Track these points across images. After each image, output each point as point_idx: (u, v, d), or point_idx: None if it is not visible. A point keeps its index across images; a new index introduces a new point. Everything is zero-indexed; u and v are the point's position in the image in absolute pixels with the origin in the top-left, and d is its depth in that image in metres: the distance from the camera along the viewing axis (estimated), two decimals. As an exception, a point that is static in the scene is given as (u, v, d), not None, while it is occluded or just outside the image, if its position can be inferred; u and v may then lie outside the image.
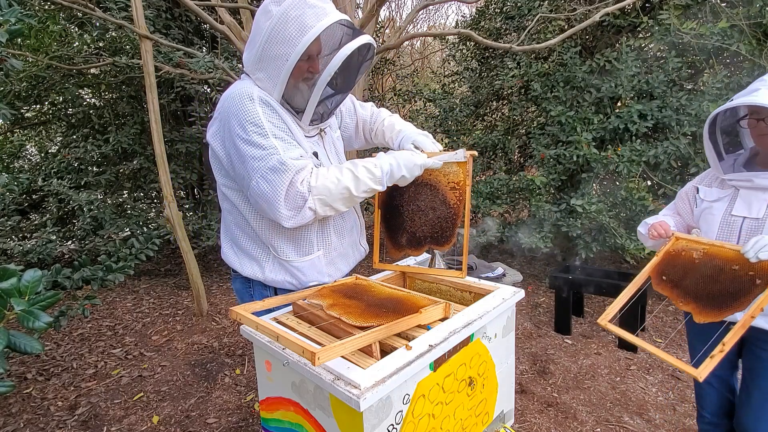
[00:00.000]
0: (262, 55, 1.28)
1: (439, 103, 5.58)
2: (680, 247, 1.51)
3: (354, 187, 1.29)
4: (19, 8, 1.77)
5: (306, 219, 1.29)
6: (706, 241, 1.45)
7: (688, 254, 1.47)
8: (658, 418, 2.31)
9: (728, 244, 1.39)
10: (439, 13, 11.30)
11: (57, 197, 4.55)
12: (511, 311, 1.47)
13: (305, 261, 1.42)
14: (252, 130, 1.24)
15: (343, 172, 1.30)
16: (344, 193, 1.29)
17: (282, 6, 1.23)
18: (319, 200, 1.27)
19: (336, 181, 1.27)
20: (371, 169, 1.32)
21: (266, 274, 1.42)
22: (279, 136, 1.26)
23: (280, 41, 1.24)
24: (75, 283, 2.28)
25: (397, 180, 1.38)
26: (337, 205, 1.31)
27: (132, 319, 3.75)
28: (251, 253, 1.43)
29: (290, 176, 1.23)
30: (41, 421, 2.42)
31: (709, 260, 1.40)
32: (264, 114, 1.26)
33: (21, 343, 1.39)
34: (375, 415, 0.96)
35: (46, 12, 4.57)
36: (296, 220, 1.28)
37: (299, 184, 1.24)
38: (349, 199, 1.31)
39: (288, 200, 1.24)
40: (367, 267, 4.55)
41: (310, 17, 1.23)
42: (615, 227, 3.61)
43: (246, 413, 2.47)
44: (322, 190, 1.26)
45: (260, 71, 1.31)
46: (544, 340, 3.17)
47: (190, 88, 4.47)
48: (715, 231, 1.50)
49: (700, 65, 3.73)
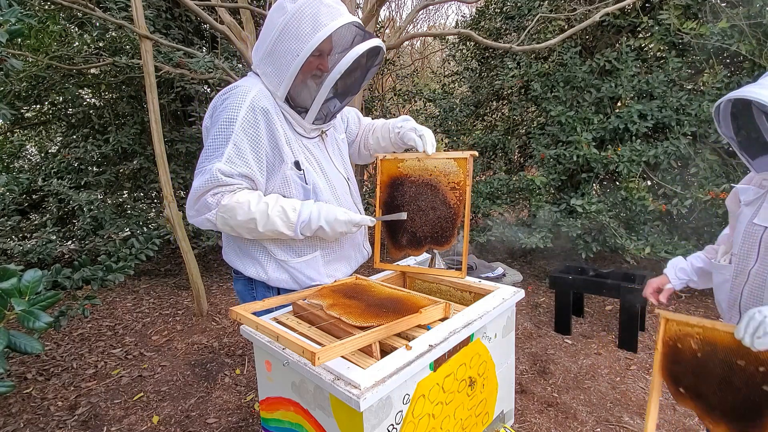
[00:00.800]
0: (272, 50, 1.29)
1: (439, 103, 5.58)
2: (675, 334, 1.24)
3: (262, 223, 1.27)
4: (19, 8, 1.78)
5: (202, 226, 1.33)
6: (695, 322, 1.19)
7: (687, 344, 1.20)
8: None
9: (720, 324, 1.13)
10: (439, 13, 11.30)
11: (57, 197, 4.55)
12: (511, 311, 1.47)
13: (301, 261, 1.42)
14: (221, 126, 1.26)
15: (259, 204, 1.27)
16: (249, 224, 1.28)
17: (297, 3, 1.24)
18: (221, 218, 1.27)
19: (246, 210, 1.26)
20: (288, 212, 1.29)
21: (269, 274, 1.41)
22: (238, 144, 1.25)
23: (292, 37, 1.24)
24: (75, 283, 2.28)
25: (315, 231, 1.32)
26: (239, 231, 1.31)
27: (132, 319, 3.74)
28: (253, 254, 1.43)
29: (209, 186, 1.25)
30: (41, 421, 2.42)
31: (711, 352, 1.14)
32: (243, 118, 1.26)
33: (21, 343, 1.39)
34: (375, 415, 0.96)
35: (46, 12, 4.57)
36: (195, 221, 1.32)
37: (210, 196, 1.26)
38: (253, 231, 1.30)
39: (196, 203, 1.28)
40: (368, 267, 4.55)
41: (325, 16, 1.24)
42: (615, 227, 3.61)
43: (246, 413, 2.47)
44: (228, 210, 1.26)
45: (269, 65, 1.31)
46: (544, 340, 3.17)
47: (190, 88, 4.48)
48: (739, 243, 1.24)
49: (700, 65, 3.74)
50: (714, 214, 3.44)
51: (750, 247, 1.21)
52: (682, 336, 1.21)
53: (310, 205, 1.32)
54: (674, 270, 1.50)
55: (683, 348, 1.21)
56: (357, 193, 1.60)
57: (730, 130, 1.29)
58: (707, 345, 1.15)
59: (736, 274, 1.27)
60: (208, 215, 1.27)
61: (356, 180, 2.95)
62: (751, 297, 1.23)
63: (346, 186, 1.52)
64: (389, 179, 1.60)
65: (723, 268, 1.33)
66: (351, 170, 1.63)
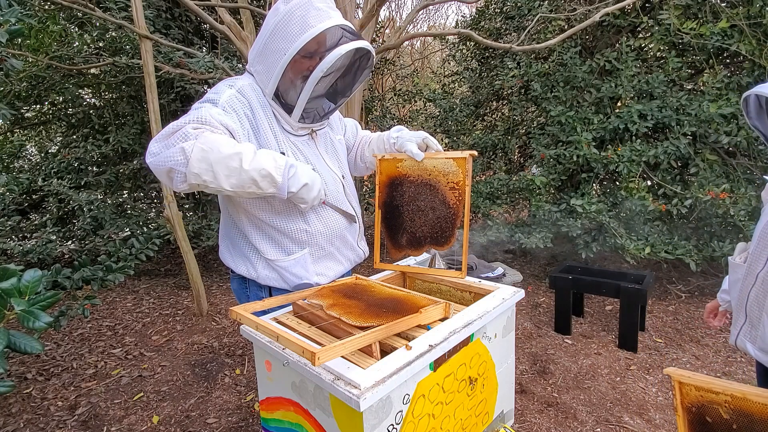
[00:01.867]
0: (263, 49, 1.34)
1: (439, 103, 5.58)
2: (697, 401, 1.05)
3: (248, 159, 1.15)
4: (19, 8, 1.78)
5: (164, 165, 1.12)
6: (720, 389, 0.99)
7: (716, 414, 1.02)
8: (658, 418, 2.31)
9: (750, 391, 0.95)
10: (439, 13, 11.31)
11: (57, 197, 4.55)
12: (511, 311, 1.47)
13: (290, 260, 1.42)
14: (208, 97, 1.29)
15: (245, 145, 1.19)
16: (232, 160, 1.13)
17: (289, 5, 1.28)
18: (199, 150, 1.11)
19: (231, 146, 1.15)
20: (277, 157, 1.23)
21: (259, 272, 1.43)
22: (226, 111, 1.26)
23: (281, 36, 1.29)
24: (75, 283, 2.28)
25: (300, 188, 1.25)
26: (218, 169, 1.12)
27: (132, 319, 3.75)
28: (245, 252, 1.45)
29: (193, 119, 1.16)
30: (41, 421, 2.42)
31: (749, 425, 0.97)
32: (229, 96, 1.29)
33: (21, 343, 1.39)
34: (375, 415, 0.96)
35: (46, 12, 4.57)
36: (158, 158, 1.12)
37: (191, 128, 1.14)
38: (234, 171, 1.14)
39: (170, 135, 1.13)
40: (368, 267, 4.55)
41: (314, 18, 1.28)
42: (615, 227, 3.61)
43: (246, 413, 2.47)
44: (212, 142, 1.12)
45: (259, 64, 1.36)
46: (544, 340, 3.17)
47: (190, 88, 4.47)
48: (754, 242, 1.18)
49: (700, 65, 3.74)
50: (714, 214, 3.44)
51: (762, 249, 1.16)
52: (707, 404, 1.04)
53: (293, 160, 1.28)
54: (721, 290, 1.47)
55: (713, 419, 1.04)
56: (353, 192, 1.59)
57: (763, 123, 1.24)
58: (742, 416, 0.99)
59: (746, 275, 1.23)
60: (184, 144, 1.11)
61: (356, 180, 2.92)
62: (756, 302, 1.20)
63: (340, 184, 1.52)
64: (388, 179, 1.60)
65: (737, 266, 1.28)
66: (347, 169, 1.63)
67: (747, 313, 1.23)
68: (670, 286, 3.94)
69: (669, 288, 3.92)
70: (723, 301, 1.48)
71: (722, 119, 3.36)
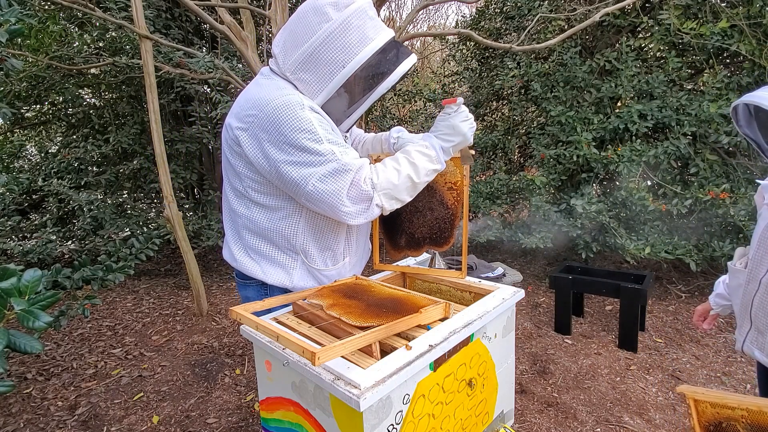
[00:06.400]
0: (312, 57, 1.24)
1: (439, 103, 5.58)
2: (713, 418, 1.03)
3: (414, 174, 1.28)
4: (19, 8, 1.78)
5: (374, 215, 1.29)
6: (735, 403, 0.98)
7: (733, 430, 1.01)
8: (658, 418, 2.31)
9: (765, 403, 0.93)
10: (439, 13, 11.30)
11: (57, 197, 4.55)
12: (511, 311, 1.47)
13: (334, 269, 1.44)
14: (306, 137, 1.19)
15: (400, 162, 1.29)
16: (407, 182, 1.28)
17: (344, 12, 1.21)
18: (384, 195, 1.26)
19: (396, 173, 1.27)
20: (424, 152, 1.31)
21: (294, 281, 1.39)
22: (333, 140, 1.23)
23: (338, 48, 1.22)
24: (75, 283, 2.28)
25: (450, 152, 1.36)
26: (402, 196, 1.30)
27: (132, 319, 3.75)
28: (277, 259, 1.38)
29: (351, 176, 1.22)
30: (41, 421, 2.42)
31: None
32: (317, 120, 1.22)
33: (21, 343, 1.39)
34: (375, 415, 0.96)
35: (46, 12, 4.57)
36: (365, 216, 1.27)
37: (362, 183, 1.23)
38: (412, 188, 1.31)
39: (351, 199, 1.23)
40: (368, 267, 4.55)
41: (371, 29, 1.24)
42: (615, 227, 3.61)
43: (246, 413, 2.47)
44: (386, 184, 1.25)
45: (307, 72, 1.26)
46: (544, 340, 3.17)
47: (190, 88, 4.48)
48: (754, 247, 1.15)
49: (700, 65, 3.74)
50: (714, 214, 3.44)
51: (763, 254, 1.13)
52: (724, 420, 1.03)
53: (429, 137, 1.35)
54: (714, 293, 1.46)
55: None
56: None
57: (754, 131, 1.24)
58: (760, 430, 0.98)
59: (748, 281, 1.21)
60: (374, 202, 1.25)
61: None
62: (761, 307, 1.18)
63: None
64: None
65: (738, 272, 1.27)
66: None
67: (752, 320, 1.21)
68: (670, 286, 3.94)
69: (669, 288, 3.92)
70: (716, 305, 1.45)
71: (722, 119, 3.36)
